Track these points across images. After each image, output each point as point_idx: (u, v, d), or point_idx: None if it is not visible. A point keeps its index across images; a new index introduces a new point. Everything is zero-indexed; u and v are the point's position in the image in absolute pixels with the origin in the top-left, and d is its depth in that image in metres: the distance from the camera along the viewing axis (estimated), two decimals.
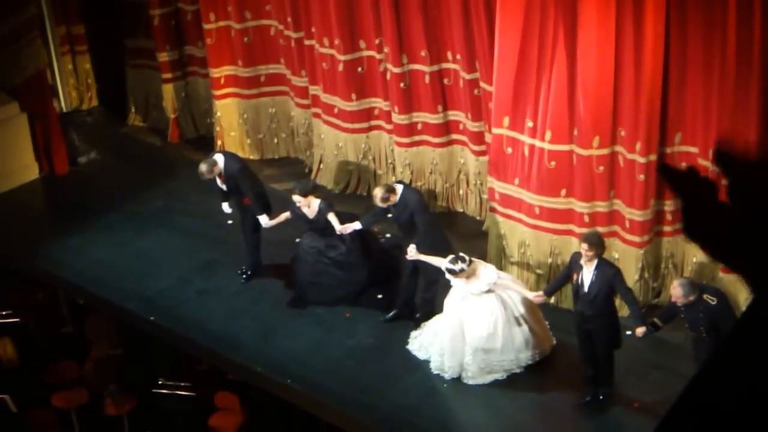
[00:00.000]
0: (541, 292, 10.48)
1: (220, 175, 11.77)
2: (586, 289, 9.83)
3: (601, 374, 10.09)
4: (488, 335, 10.34)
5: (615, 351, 10.03)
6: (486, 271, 10.43)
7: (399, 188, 11.11)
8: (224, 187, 11.86)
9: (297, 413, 10.95)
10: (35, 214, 14.02)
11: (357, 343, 11.16)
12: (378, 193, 11.08)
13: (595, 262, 9.81)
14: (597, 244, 9.84)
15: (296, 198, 11.41)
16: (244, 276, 12.10)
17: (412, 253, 10.74)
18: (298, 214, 11.53)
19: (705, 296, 9.40)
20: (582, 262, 9.87)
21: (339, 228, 11.33)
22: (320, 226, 11.49)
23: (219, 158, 11.84)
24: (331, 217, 11.39)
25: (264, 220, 11.74)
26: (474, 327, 10.37)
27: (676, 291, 9.46)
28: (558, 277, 10.69)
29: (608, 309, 9.90)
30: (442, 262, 10.50)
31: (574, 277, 9.94)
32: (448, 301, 10.61)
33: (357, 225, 11.39)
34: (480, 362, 10.41)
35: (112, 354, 12.63)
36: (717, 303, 9.39)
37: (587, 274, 9.83)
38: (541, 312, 10.82)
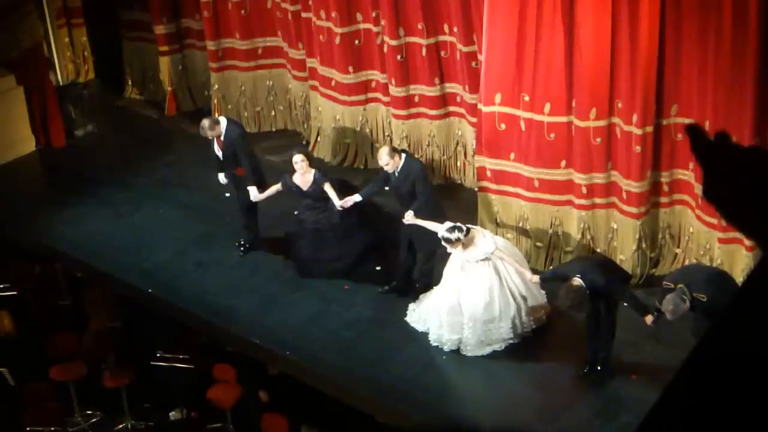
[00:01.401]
0: (537, 278, 10.47)
1: (218, 139, 11.74)
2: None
3: (601, 337, 10.11)
4: (485, 304, 10.34)
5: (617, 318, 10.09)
6: (484, 240, 10.42)
7: (403, 156, 11.09)
8: (220, 154, 11.82)
9: (295, 385, 10.97)
10: (32, 187, 14.02)
11: (355, 315, 11.17)
12: (384, 151, 11.03)
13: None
14: (573, 307, 9.84)
15: (298, 158, 11.29)
16: (242, 249, 12.11)
17: (409, 218, 10.72)
18: (289, 185, 11.44)
19: (695, 295, 9.32)
20: None
21: (339, 202, 11.27)
22: (315, 197, 11.44)
23: (222, 120, 11.87)
24: (328, 188, 11.32)
25: (253, 192, 11.69)
26: (471, 297, 10.38)
27: (671, 317, 9.37)
28: (555, 269, 10.75)
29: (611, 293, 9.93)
30: (439, 228, 10.49)
31: None
32: (447, 272, 10.61)
33: (357, 197, 11.35)
34: (479, 334, 10.41)
35: (110, 327, 12.63)
36: (707, 299, 9.30)
37: None
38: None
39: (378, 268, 11.68)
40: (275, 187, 11.60)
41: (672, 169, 10.86)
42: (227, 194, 12.44)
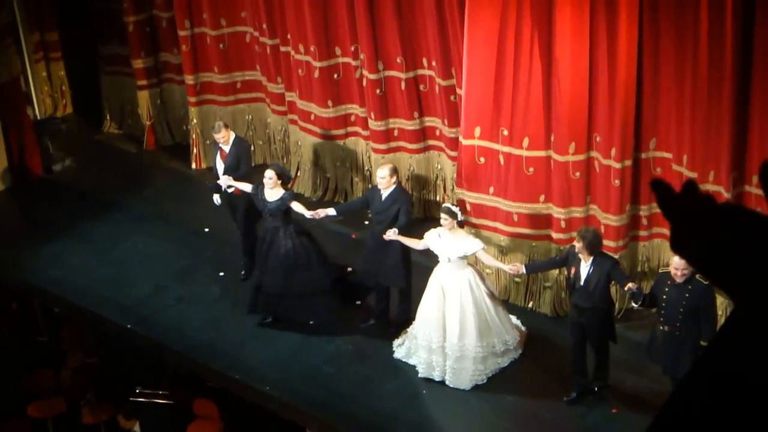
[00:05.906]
0: (520, 265, 10.53)
1: (221, 151, 11.80)
2: (582, 282, 9.88)
3: (596, 366, 10.17)
4: (459, 320, 10.35)
5: (609, 345, 10.13)
6: (471, 240, 10.50)
7: (396, 182, 11.11)
8: (221, 169, 11.79)
9: (276, 420, 10.93)
10: (9, 222, 13.94)
11: (336, 349, 11.15)
12: (388, 167, 11.12)
13: (592, 256, 9.86)
14: (586, 238, 9.83)
15: (269, 174, 11.16)
16: (243, 274, 12.09)
17: (391, 234, 10.71)
18: (258, 194, 11.24)
19: (698, 276, 9.38)
20: (579, 255, 9.92)
21: (310, 214, 11.17)
22: (275, 214, 11.16)
23: (231, 132, 12.08)
24: (296, 206, 11.17)
25: (225, 179, 11.63)
26: (451, 321, 10.39)
27: (679, 262, 9.31)
28: (547, 260, 10.80)
29: (604, 302, 9.97)
30: (419, 244, 10.58)
31: (572, 270, 9.98)
32: (427, 300, 10.58)
33: (331, 211, 11.39)
34: (458, 357, 10.37)
35: (89, 362, 12.58)
36: (708, 285, 9.30)
37: (584, 267, 9.87)
38: (517, 317, 10.99)
39: (358, 302, 11.66)
40: (247, 186, 11.51)
41: (651, 203, 10.90)
42: (207, 229, 12.41)
